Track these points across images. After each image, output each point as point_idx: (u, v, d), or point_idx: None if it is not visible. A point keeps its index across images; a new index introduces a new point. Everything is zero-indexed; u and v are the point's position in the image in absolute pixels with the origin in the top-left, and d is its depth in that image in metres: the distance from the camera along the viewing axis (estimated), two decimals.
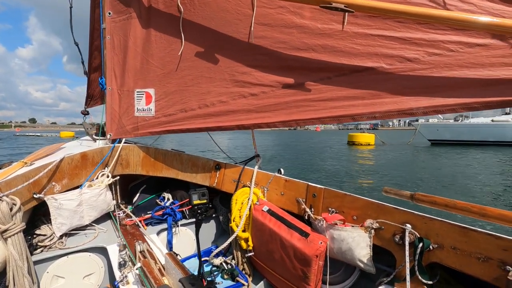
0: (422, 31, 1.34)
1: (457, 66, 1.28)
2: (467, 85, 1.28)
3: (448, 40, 1.30)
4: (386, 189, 1.46)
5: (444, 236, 1.16)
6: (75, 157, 1.92)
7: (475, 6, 1.24)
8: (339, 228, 1.45)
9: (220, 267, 1.82)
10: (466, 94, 1.28)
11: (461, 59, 1.28)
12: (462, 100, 1.29)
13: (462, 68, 1.28)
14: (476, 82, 1.26)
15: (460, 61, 1.28)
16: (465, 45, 1.28)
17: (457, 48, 1.28)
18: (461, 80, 1.28)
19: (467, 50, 1.27)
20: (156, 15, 1.91)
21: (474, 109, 1.28)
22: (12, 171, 1.71)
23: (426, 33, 1.33)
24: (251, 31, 1.63)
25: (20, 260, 1.40)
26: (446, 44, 1.30)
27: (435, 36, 1.32)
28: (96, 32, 2.43)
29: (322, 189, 1.63)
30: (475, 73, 1.26)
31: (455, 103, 1.30)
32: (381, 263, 1.46)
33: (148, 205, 2.22)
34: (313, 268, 1.43)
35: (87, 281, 1.74)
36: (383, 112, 1.43)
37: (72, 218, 1.80)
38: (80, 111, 2.58)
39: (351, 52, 1.47)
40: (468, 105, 1.28)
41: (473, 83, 1.27)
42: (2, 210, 1.37)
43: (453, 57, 1.29)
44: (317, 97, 1.57)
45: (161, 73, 1.96)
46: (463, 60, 1.28)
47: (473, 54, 1.27)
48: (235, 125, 1.80)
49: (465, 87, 1.28)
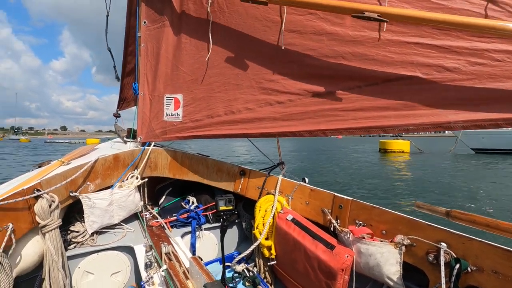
0: (464, 39, 1.25)
1: (503, 77, 1.19)
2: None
3: (493, 49, 1.20)
4: (419, 204, 1.39)
5: (484, 258, 1.08)
6: (108, 159, 2.01)
7: None
8: (367, 242, 1.39)
9: (242, 274, 1.82)
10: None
11: (508, 70, 1.18)
12: (508, 115, 1.19)
13: (509, 80, 1.18)
14: None
15: (507, 71, 1.18)
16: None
17: (503, 58, 1.19)
18: (508, 92, 1.18)
19: None
20: (187, 23, 1.97)
21: None
22: (50, 169, 1.83)
23: (468, 41, 1.24)
24: (281, 38, 1.62)
25: (56, 254, 1.48)
26: (491, 53, 1.21)
27: (478, 45, 1.23)
28: (131, 38, 2.54)
29: (350, 201, 1.58)
30: None
31: (499, 118, 1.20)
32: (411, 281, 1.39)
33: (173, 207, 2.28)
34: (338, 282, 1.38)
35: (115, 278, 1.81)
36: (417, 124, 1.36)
37: (103, 216, 1.89)
38: (113, 114, 2.70)
39: (384, 60, 1.41)
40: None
41: None
42: (42, 206, 1.47)
43: (499, 67, 1.20)
44: (346, 106, 1.53)
45: (190, 79, 2.01)
46: (511, 71, 1.18)
47: None
48: (260, 133, 1.80)
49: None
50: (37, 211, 1.46)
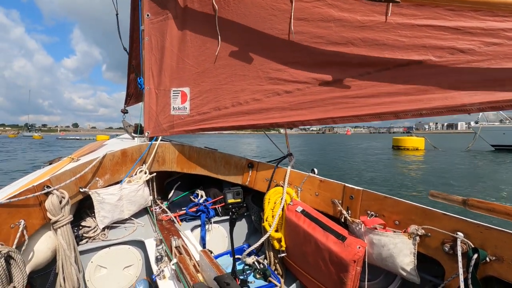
0: (478, 19, 1.20)
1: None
2: None
3: (509, 28, 1.15)
4: (433, 193, 1.35)
5: (504, 248, 1.04)
6: (116, 154, 2.02)
7: None
8: (380, 233, 1.36)
9: (253, 266, 1.81)
10: None
11: None
12: None
13: None
14: None
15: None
16: None
17: None
18: None
19: None
20: (191, 15, 1.95)
21: None
22: (61, 166, 1.84)
23: (483, 21, 1.19)
24: (291, 27, 1.58)
25: (68, 249, 1.50)
26: (507, 32, 1.16)
27: (493, 24, 1.18)
28: (135, 33, 2.53)
29: (360, 191, 1.55)
30: None
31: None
32: (426, 272, 1.36)
33: (182, 201, 2.29)
34: (351, 273, 1.36)
35: (127, 272, 1.82)
36: (430, 108, 1.31)
37: (113, 211, 1.90)
38: (120, 110, 2.71)
39: (394, 45, 1.37)
40: None
41: None
42: (53, 202, 1.48)
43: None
44: (356, 93, 1.49)
45: (196, 72, 1.99)
46: None
47: None
48: (268, 123, 1.78)
49: None
50: (48, 207, 1.47)
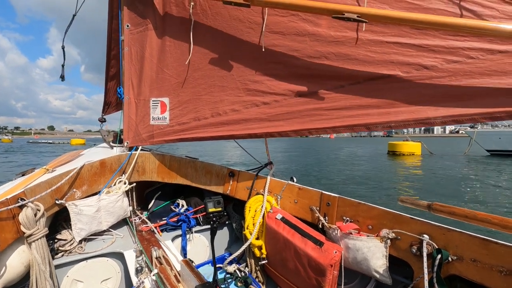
0: (440, 37, 1.30)
1: (478, 74, 1.23)
2: (489, 93, 1.22)
3: (468, 47, 1.25)
4: (402, 199, 1.43)
5: (463, 248, 1.13)
6: (95, 164, 1.98)
7: (496, 11, 1.19)
8: (354, 238, 1.42)
9: (234, 275, 1.82)
10: (488, 103, 1.23)
11: (482, 67, 1.23)
12: (483, 110, 1.24)
13: (483, 76, 1.23)
14: (499, 90, 1.21)
15: (481, 68, 1.23)
16: (486, 52, 1.22)
17: (477, 55, 1.23)
18: (482, 88, 1.23)
19: (489, 57, 1.22)
20: (170, 26, 1.96)
21: (497, 119, 1.22)
22: (34, 177, 1.79)
23: (444, 40, 1.29)
24: (262, 39, 1.64)
25: (43, 264, 1.46)
26: (466, 51, 1.25)
27: (454, 43, 1.27)
28: (113, 42, 2.50)
29: (336, 198, 1.61)
30: (498, 81, 1.21)
31: (476, 113, 1.25)
32: (397, 274, 1.43)
33: (163, 211, 2.26)
34: (328, 277, 1.41)
35: (105, 285, 1.78)
36: (398, 121, 1.39)
37: (91, 223, 1.86)
38: (98, 119, 2.66)
39: (365, 60, 1.44)
40: (490, 114, 1.23)
41: (495, 92, 1.21)
42: (27, 215, 1.44)
43: (474, 65, 1.24)
44: (331, 105, 1.56)
45: (175, 83, 2.00)
46: (485, 68, 1.22)
47: (495, 61, 1.21)
48: (247, 134, 1.81)
49: (486, 96, 1.23)
50: (22, 220, 1.43)
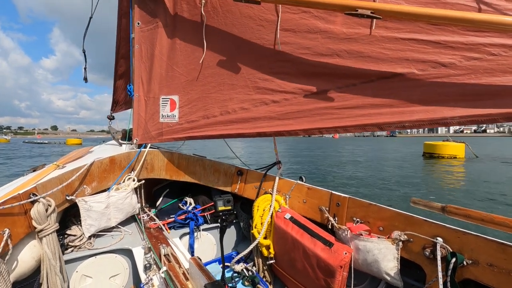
0: (459, 33, 1.24)
1: (499, 72, 1.18)
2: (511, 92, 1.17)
3: (489, 43, 1.19)
4: (415, 200, 1.40)
5: (479, 251, 1.09)
6: (104, 161, 2.00)
7: None
8: (365, 239, 1.40)
9: (241, 274, 1.82)
10: (510, 103, 1.17)
11: (504, 64, 1.17)
12: (505, 110, 1.18)
13: (506, 74, 1.17)
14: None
15: (503, 66, 1.17)
16: (509, 48, 1.17)
17: (499, 52, 1.18)
18: (504, 87, 1.18)
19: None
20: (181, 24, 1.96)
21: None
22: (45, 173, 1.81)
23: (463, 36, 1.23)
24: (277, 37, 1.61)
25: (53, 259, 1.47)
26: (487, 48, 1.19)
27: (474, 39, 1.22)
28: (122, 41, 2.51)
29: (347, 198, 1.58)
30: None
31: (496, 113, 1.19)
32: (408, 277, 1.40)
33: (170, 209, 2.27)
34: (337, 279, 1.39)
35: (113, 281, 1.80)
36: (412, 121, 1.35)
37: (100, 219, 1.87)
38: (106, 116, 2.68)
39: (378, 57, 1.40)
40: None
41: None
42: (39, 211, 1.46)
43: (495, 62, 1.19)
44: (342, 104, 1.53)
45: (185, 80, 2.00)
46: (507, 65, 1.17)
47: None
48: (256, 133, 1.79)
49: (509, 95, 1.17)
50: (34, 215, 1.45)
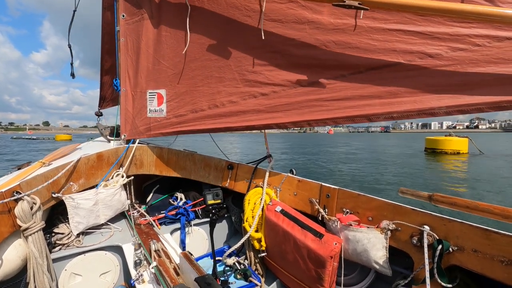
0: (445, 24, 1.24)
1: (484, 62, 1.18)
2: (495, 82, 1.17)
3: (474, 34, 1.19)
4: (403, 190, 1.42)
5: (464, 238, 1.12)
6: (91, 158, 1.95)
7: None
8: (354, 229, 1.42)
9: (233, 267, 1.82)
10: (494, 92, 1.18)
11: (488, 54, 1.18)
12: (489, 99, 1.19)
13: (490, 64, 1.18)
14: (506, 79, 1.16)
15: (487, 56, 1.18)
16: (493, 38, 1.17)
17: (484, 43, 1.18)
18: (488, 77, 1.18)
19: (496, 44, 1.17)
20: (166, 15, 1.91)
21: (503, 109, 1.18)
22: (31, 171, 1.76)
23: (449, 27, 1.23)
24: (261, 26, 1.58)
25: (40, 257, 1.45)
26: (472, 38, 1.20)
27: (459, 30, 1.22)
28: (107, 35, 2.44)
29: (336, 190, 1.59)
30: (505, 69, 1.16)
31: (482, 102, 1.20)
32: (397, 265, 1.42)
33: (161, 204, 2.25)
34: (328, 269, 1.40)
35: (103, 279, 1.78)
36: (401, 112, 1.35)
37: (88, 217, 1.84)
38: (94, 113, 2.62)
39: (367, 48, 1.39)
40: (497, 104, 1.18)
41: (502, 80, 1.16)
42: (23, 209, 1.42)
43: (480, 52, 1.19)
44: (331, 96, 1.52)
45: (172, 74, 1.96)
46: (491, 56, 1.17)
47: (502, 48, 1.16)
48: (245, 126, 1.77)
49: (493, 85, 1.18)
50: (18, 214, 1.41)
